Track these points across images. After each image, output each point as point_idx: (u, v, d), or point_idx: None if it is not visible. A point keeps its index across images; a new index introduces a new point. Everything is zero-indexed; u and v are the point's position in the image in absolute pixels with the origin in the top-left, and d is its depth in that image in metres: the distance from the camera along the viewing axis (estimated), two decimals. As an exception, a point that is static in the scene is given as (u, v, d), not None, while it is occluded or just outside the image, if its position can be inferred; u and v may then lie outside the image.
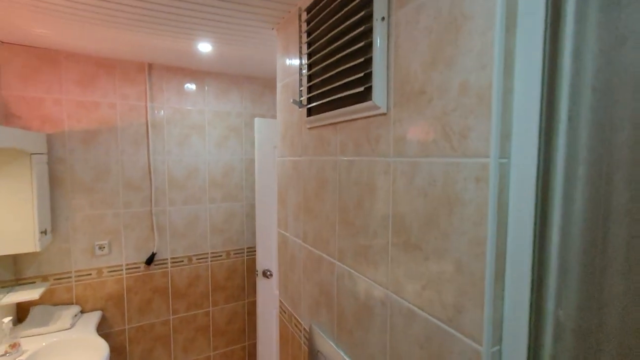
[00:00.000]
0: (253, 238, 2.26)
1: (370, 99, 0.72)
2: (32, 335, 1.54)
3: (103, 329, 1.85)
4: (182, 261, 2.06)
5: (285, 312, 1.36)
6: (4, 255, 1.55)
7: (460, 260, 0.54)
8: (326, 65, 0.89)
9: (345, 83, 0.81)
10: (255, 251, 2.17)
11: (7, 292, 1.55)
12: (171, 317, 2.04)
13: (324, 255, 1.00)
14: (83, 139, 1.79)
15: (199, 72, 2.07)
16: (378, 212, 0.75)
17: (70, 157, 1.76)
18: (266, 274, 2.07)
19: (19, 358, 1.36)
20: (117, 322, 1.89)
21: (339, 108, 0.85)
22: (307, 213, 1.11)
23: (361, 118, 0.80)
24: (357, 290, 0.84)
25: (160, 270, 2.00)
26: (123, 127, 1.88)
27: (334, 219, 0.94)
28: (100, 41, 1.56)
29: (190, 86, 2.06)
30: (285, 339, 1.36)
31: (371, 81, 0.72)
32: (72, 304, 1.78)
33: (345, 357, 0.89)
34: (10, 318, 1.40)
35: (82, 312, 1.79)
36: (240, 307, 2.26)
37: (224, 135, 2.17)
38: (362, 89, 0.74)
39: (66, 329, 1.61)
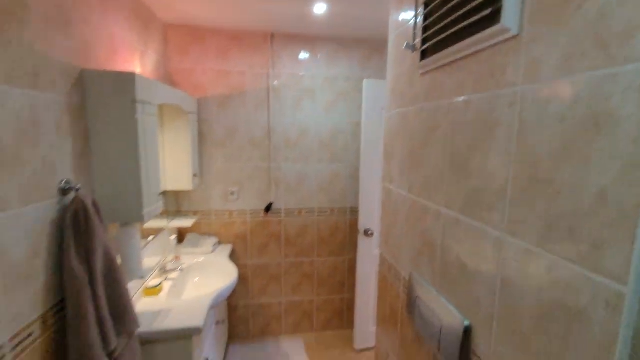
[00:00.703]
0: (356, 199, 2.35)
1: (499, 22, 0.65)
2: (187, 254, 2.01)
3: (233, 260, 2.26)
4: (293, 213, 2.31)
5: (385, 264, 1.40)
6: (171, 192, 2.04)
7: (605, 188, 0.46)
8: (446, -3, 0.83)
9: (467, 11, 0.74)
10: (357, 211, 2.26)
11: (172, 219, 2.04)
12: (283, 260, 2.34)
13: (430, 204, 0.98)
14: (219, 103, 2.14)
15: (312, 38, 2.18)
16: (497, 151, 0.69)
17: (210, 117, 2.14)
18: (367, 233, 2.14)
19: (180, 266, 1.81)
20: (242, 257, 2.29)
21: (459, 42, 0.79)
22: (414, 163, 1.09)
23: (484, 49, 0.73)
24: (463, 237, 0.80)
25: (275, 219, 2.29)
26: (249, 92, 2.17)
27: (443, 165, 0.90)
28: (234, 14, 1.81)
29: (304, 54, 2.20)
30: (383, 290, 1.42)
31: (500, 1, 0.64)
32: (212, 235, 2.23)
33: (447, 303, 0.88)
34: (175, 237, 1.86)
35: (219, 243, 2.22)
36: (341, 262, 2.42)
37: (332, 99, 2.27)
38: (488, 11, 0.67)
39: (209, 253, 2.05)
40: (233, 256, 2.27)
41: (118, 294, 1.08)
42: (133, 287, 1.42)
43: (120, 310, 1.09)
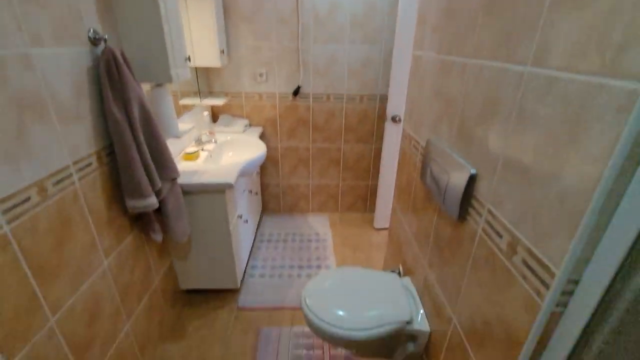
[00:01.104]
0: (387, 87, 2.24)
1: None
2: (220, 132, 2.14)
3: (263, 141, 2.38)
4: (322, 98, 2.28)
5: (406, 139, 1.40)
6: (201, 71, 2.07)
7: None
8: None
9: None
10: (387, 99, 2.18)
11: (204, 98, 2.12)
12: (310, 145, 2.43)
13: (456, 59, 0.91)
14: (244, -31, 1.94)
15: None
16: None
17: (236, -12, 1.98)
18: (395, 119, 2.10)
19: (214, 140, 1.95)
20: (272, 139, 2.40)
21: None
22: (447, 17, 0.97)
23: None
24: (485, 86, 0.76)
25: (303, 104, 2.29)
26: (275, -45, 1.92)
27: (477, 10, 0.80)
28: None
29: None
30: (402, 164, 1.45)
31: None
32: (244, 118, 2.32)
33: (457, 157, 0.89)
34: (208, 113, 1.96)
35: (249, 125, 2.32)
36: (368, 150, 2.46)
37: (370, -37, 1.96)
38: None
39: (240, 132, 2.16)
40: (263, 138, 2.39)
41: (157, 143, 1.21)
42: (173, 151, 1.59)
43: (160, 158, 1.24)
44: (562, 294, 0.54)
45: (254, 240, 2.31)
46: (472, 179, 0.82)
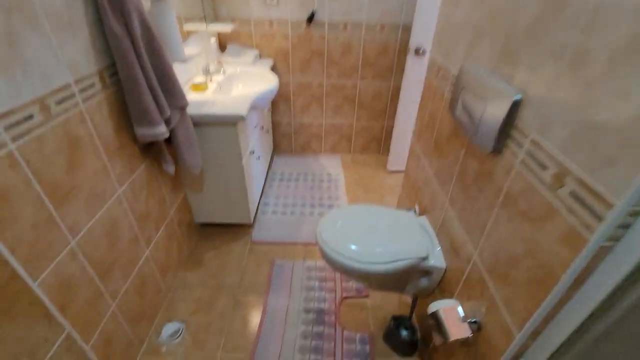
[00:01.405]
0: (411, 15, 2.00)
1: None
2: (229, 63, 2.00)
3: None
4: (338, 27, 2.06)
5: (433, 69, 1.27)
6: (205, -9, 1.86)
7: None
8: None
9: None
10: (411, 30, 1.96)
11: (210, 23, 1.94)
12: (325, 80, 2.27)
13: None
14: None
15: None
16: None
17: None
18: (418, 52, 1.91)
19: (223, 70, 1.82)
20: (284, 74, 2.24)
21: None
22: None
23: None
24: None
25: (318, 33, 2.09)
26: None
27: None
28: None
29: None
30: (427, 97, 1.34)
31: None
32: (253, 48, 2.15)
33: (498, 82, 0.78)
34: (215, 40, 1.80)
35: (259, 56, 2.15)
36: (385, 88, 2.30)
37: None
38: None
39: (250, 64, 2.02)
40: (274, 72, 2.23)
41: (162, 65, 1.11)
42: (179, 80, 1.48)
43: (167, 83, 1.15)
44: (617, 227, 0.49)
45: (266, 178, 2.30)
46: (514, 106, 0.73)
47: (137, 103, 1.06)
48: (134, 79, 1.02)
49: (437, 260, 1.12)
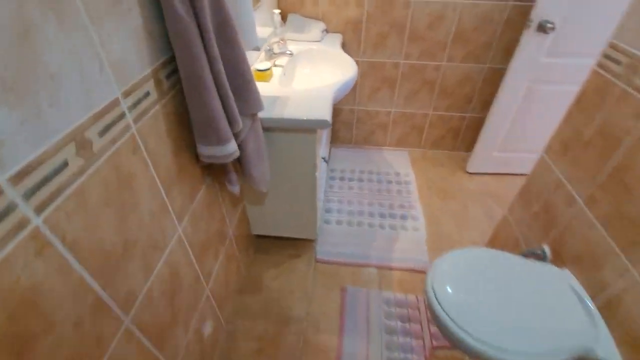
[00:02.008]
0: (531, -26, 1.51)
1: None
2: (292, 40, 1.63)
3: (341, 55, 1.85)
4: (431, -8, 1.61)
5: (612, 57, 0.86)
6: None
7: None
8: None
9: None
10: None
11: (272, -11, 1.56)
12: (402, 60, 1.86)
13: None
14: None
15: None
16: None
17: None
18: (544, 28, 1.44)
19: (287, 51, 1.47)
20: (353, 51, 1.85)
21: None
22: None
23: None
24: None
25: (402, 1, 1.65)
26: None
27: None
28: None
29: None
30: (593, 102, 0.94)
31: None
32: (319, 19, 1.75)
33: None
34: (279, 11, 1.44)
35: (326, 30, 1.76)
36: (478, 70, 1.85)
37: None
38: None
39: (317, 41, 1.64)
40: (342, 49, 1.84)
41: (236, 60, 0.80)
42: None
43: (242, 85, 0.84)
44: None
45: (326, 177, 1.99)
46: None
47: (203, 113, 0.76)
48: (200, 81, 0.72)
49: (608, 351, 0.80)
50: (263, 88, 1.22)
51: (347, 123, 2.17)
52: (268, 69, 1.27)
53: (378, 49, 1.83)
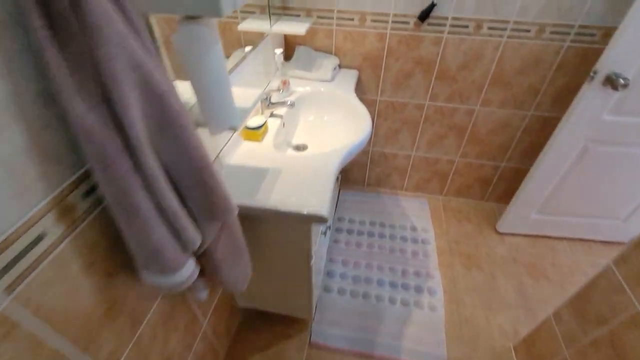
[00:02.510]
0: (612, 15, 1.21)
1: None
2: (297, 78, 1.40)
3: (357, 93, 1.60)
4: (466, 27, 1.33)
5: None
6: (272, -32, 1.22)
7: None
8: None
9: None
10: (595, 37, 1.19)
11: (277, 21, 1.32)
12: (427, 102, 1.58)
13: None
14: None
15: None
16: None
17: None
18: (613, 83, 1.14)
19: (289, 97, 1.23)
20: (370, 90, 1.59)
21: None
22: None
23: None
24: None
25: (432, 35, 1.38)
26: None
27: None
28: None
29: None
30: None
31: None
32: (332, 53, 1.50)
33: None
34: (282, 50, 1.20)
35: (339, 66, 1.51)
36: (519, 118, 1.56)
37: None
38: None
39: (327, 81, 1.39)
40: (358, 88, 1.59)
41: (190, 166, 0.57)
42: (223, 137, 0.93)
43: (199, 194, 0.60)
44: None
45: (331, 226, 1.75)
46: None
47: (141, 246, 0.54)
48: (132, 209, 0.49)
49: None
50: (252, 151, 0.99)
51: (360, 164, 1.91)
52: (260, 127, 1.04)
53: (400, 88, 1.56)
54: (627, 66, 1.12)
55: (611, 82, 1.14)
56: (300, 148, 1.23)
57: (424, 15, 1.31)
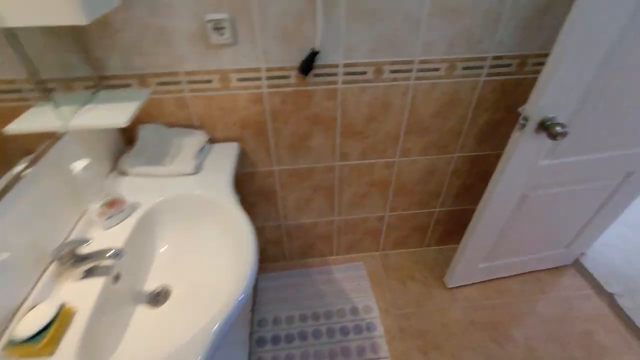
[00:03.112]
0: (527, 42, 0.99)
1: None
2: (141, 177, 0.94)
3: (246, 165, 1.19)
4: (364, 73, 1.02)
5: None
6: (56, 33, 0.74)
7: None
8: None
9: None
10: (520, 66, 0.97)
11: (86, 103, 0.84)
12: (337, 163, 1.25)
13: None
14: None
15: None
16: None
17: None
18: (549, 129, 0.91)
19: (116, 252, 0.77)
20: (262, 161, 1.20)
21: None
22: None
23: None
24: None
25: (323, 87, 1.03)
26: None
27: None
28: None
29: None
30: None
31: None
32: (194, 127, 1.07)
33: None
34: (87, 162, 0.73)
35: (209, 142, 1.09)
36: (445, 162, 1.31)
37: None
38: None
39: (189, 174, 0.96)
40: (245, 161, 1.18)
41: None
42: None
43: None
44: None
45: (250, 341, 1.32)
46: None
47: None
48: None
49: None
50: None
51: (273, 241, 1.51)
52: (45, 331, 0.57)
53: (299, 154, 1.20)
54: (561, 110, 0.90)
55: (547, 129, 0.91)
56: (158, 298, 0.79)
57: (306, 66, 0.95)
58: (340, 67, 1.00)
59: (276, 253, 1.57)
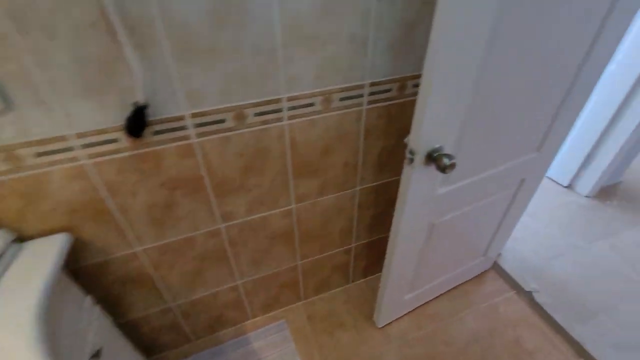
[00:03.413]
0: (390, 59, 0.88)
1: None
2: None
3: (90, 258, 0.89)
4: (223, 121, 0.81)
5: None
6: None
7: None
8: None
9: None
10: (400, 90, 0.87)
11: None
12: (221, 225, 1.02)
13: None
14: None
15: None
16: None
17: None
18: (438, 160, 0.81)
19: None
20: (117, 245, 0.91)
21: None
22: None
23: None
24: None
25: (173, 145, 0.80)
26: None
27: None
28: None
29: None
30: None
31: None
32: (-15, 228, 0.74)
33: None
34: None
35: (20, 239, 0.77)
36: (348, 199, 1.17)
37: None
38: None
39: (-30, 310, 0.63)
40: (88, 251, 0.88)
41: None
42: None
43: None
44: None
45: None
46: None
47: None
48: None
49: None
50: None
51: (169, 326, 1.21)
52: None
53: (167, 225, 0.94)
54: (445, 138, 0.80)
55: (435, 161, 0.81)
56: None
57: (134, 125, 0.71)
58: (187, 118, 0.77)
59: (175, 338, 1.27)
